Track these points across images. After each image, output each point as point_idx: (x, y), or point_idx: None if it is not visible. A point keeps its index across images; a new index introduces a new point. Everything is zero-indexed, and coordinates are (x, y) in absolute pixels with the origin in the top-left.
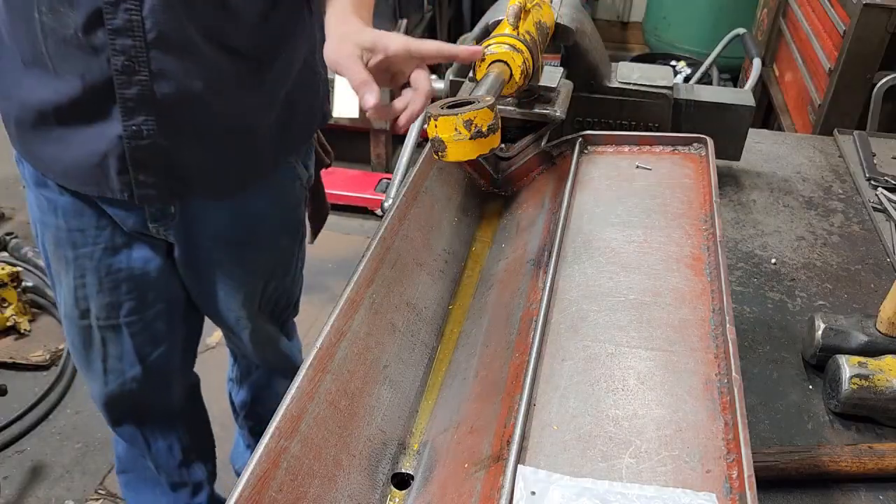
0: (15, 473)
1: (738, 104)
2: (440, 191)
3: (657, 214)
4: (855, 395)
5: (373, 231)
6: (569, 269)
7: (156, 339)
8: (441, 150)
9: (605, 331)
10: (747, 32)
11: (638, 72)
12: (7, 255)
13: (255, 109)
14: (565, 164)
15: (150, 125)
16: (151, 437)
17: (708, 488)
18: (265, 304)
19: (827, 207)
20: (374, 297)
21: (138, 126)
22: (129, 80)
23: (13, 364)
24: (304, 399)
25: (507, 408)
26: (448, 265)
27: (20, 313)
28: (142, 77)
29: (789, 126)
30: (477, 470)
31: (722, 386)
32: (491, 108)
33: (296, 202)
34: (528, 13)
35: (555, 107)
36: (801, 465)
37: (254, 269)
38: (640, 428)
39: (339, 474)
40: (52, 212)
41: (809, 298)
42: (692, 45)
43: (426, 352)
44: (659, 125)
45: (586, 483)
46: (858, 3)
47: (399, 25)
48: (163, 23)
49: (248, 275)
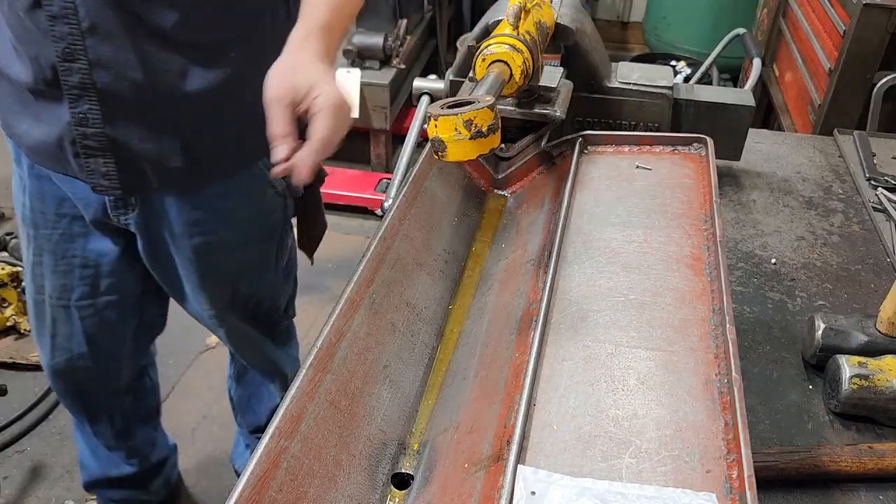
0: (15, 473)
1: (738, 104)
2: (440, 191)
3: (657, 214)
4: (855, 395)
5: (373, 231)
6: (569, 269)
7: (105, 326)
8: (441, 150)
9: (605, 331)
10: (747, 32)
11: (638, 72)
12: (7, 255)
13: (206, 106)
14: (565, 164)
15: (95, 114)
16: (94, 410)
17: (708, 488)
18: (238, 306)
19: (827, 207)
20: (374, 297)
21: (84, 114)
22: (70, 68)
23: (13, 364)
24: (304, 399)
25: (507, 408)
26: (448, 265)
27: (20, 313)
28: (81, 65)
29: (789, 126)
30: (477, 470)
31: (722, 386)
32: (491, 108)
33: (269, 209)
34: (528, 13)
35: (555, 107)
36: (801, 465)
37: (218, 270)
38: (640, 428)
39: (339, 474)
40: (21, 190)
41: (809, 298)
42: (692, 45)
43: (426, 352)
44: (659, 125)
45: (586, 483)
46: (858, 3)
47: (399, 25)
48: (94, 11)
49: (212, 274)
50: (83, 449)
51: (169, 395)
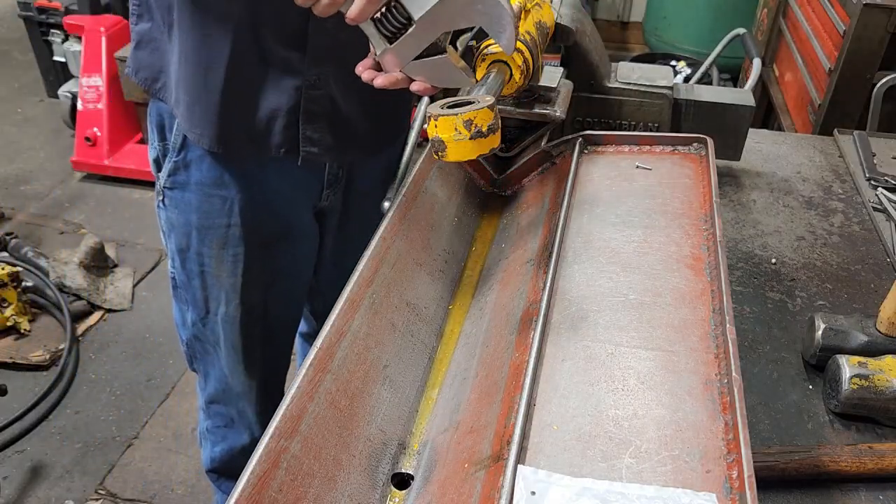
0: (15, 473)
1: (738, 104)
2: (440, 191)
3: (657, 214)
4: (855, 395)
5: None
6: (569, 269)
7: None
8: (441, 150)
9: (605, 331)
10: (747, 32)
11: (638, 72)
12: (7, 255)
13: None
14: (565, 164)
15: (326, 74)
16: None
17: (708, 488)
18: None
19: (827, 207)
20: (374, 296)
21: (317, 76)
22: (319, 26)
23: (13, 364)
24: (304, 399)
25: (507, 408)
26: (448, 265)
27: (20, 313)
28: (329, 25)
29: (789, 126)
30: (477, 470)
31: (722, 386)
32: (491, 109)
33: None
34: (528, 13)
35: (555, 107)
36: (801, 465)
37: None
38: (641, 428)
39: (339, 474)
40: (226, 212)
41: (809, 298)
42: (692, 45)
43: (426, 352)
44: (659, 125)
45: (586, 483)
46: (858, 3)
47: None
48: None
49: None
50: None
51: (169, 396)
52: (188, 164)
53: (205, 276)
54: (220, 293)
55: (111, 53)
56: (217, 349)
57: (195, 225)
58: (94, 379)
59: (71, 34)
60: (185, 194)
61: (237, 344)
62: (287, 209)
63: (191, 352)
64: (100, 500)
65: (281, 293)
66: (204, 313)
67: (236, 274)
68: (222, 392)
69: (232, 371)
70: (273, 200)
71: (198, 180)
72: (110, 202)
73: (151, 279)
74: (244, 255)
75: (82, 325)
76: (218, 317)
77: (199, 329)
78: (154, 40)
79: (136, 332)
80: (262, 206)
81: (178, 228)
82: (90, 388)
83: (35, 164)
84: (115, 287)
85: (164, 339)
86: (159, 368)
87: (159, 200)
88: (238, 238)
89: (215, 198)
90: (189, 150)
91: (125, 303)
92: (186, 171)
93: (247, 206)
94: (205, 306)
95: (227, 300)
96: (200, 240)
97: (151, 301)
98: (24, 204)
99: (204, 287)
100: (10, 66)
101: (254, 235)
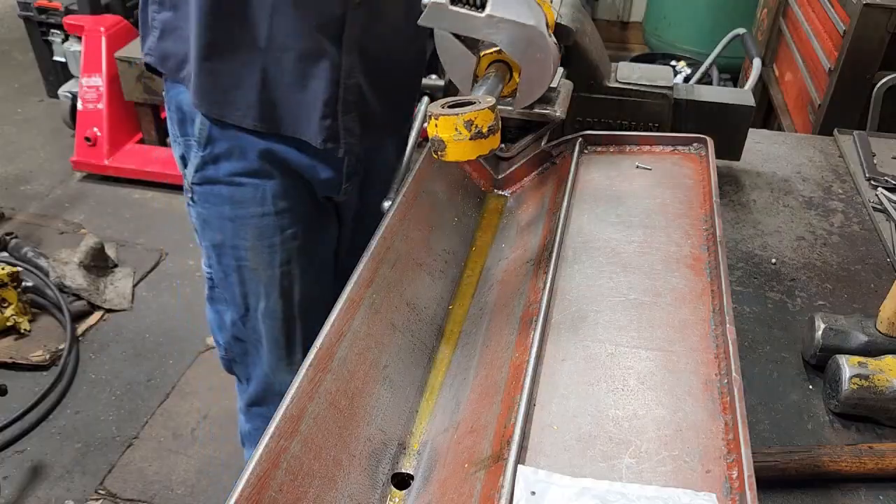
0: (15, 473)
1: (738, 104)
2: (440, 191)
3: (657, 214)
4: (855, 395)
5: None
6: (569, 269)
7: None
8: (441, 150)
9: (605, 331)
10: (747, 32)
11: (638, 72)
12: (7, 255)
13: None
14: (565, 164)
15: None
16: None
17: (708, 488)
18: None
19: (827, 207)
20: (374, 296)
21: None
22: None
23: (13, 364)
24: (304, 399)
25: (507, 408)
26: (448, 265)
27: (20, 313)
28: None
29: (789, 126)
30: (477, 470)
31: (722, 386)
32: (491, 109)
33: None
34: None
35: (555, 107)
36: (801, 465)
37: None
38: (640, 428)
39: (339, 474)
40: (259, 201)
41: (809, 298)
42: (692, 45)
43: (426, 352)
44: (659, 125)
45: (586, 483)
46: (858, 3)
47: None
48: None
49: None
50: None
51: (169, 396)
52: (217, 158)
53: (242, 271)
54: (259, 287)
55: (111, 53)
56: (259, 347)
57: (228, 216)
58: (94, 379)
59: (71, 34)
60: (216, 187)
61: (280, 339)
62: (314, 196)
63: (230, 355)
64: (100, 500)
65: (315, 285)
66: (244, 311)
67: (273, 265)
68: (263, 393)
69: (274, 368)
70: (302, 186)
71: (227, 172)
72: (110, 202)
73: (151, 279)
74: (280, 245)
75: (82, 325)
76: (258, 313)
77: (239, 329)
78: (178, 28)
79: (136, 332)
80: (293, 191)
81: (211, 223)
82: (90, 388)
83: (35, 164)
84: (115, 287)
85: (164, 339)
86: (159, 368)
87: (189, 198)
88: (273, 228)
89: (247, 187)
90: (216, 143)
91: (125, 303)
92: (215, 165)
93: (278, 194)
94: (244, 303)
95: (266, 294)
96: (235, 232)
97: (151, 301)
98: (24, 204)
99: (242, 282)
100: (10, 66)
101: (287, 223)
